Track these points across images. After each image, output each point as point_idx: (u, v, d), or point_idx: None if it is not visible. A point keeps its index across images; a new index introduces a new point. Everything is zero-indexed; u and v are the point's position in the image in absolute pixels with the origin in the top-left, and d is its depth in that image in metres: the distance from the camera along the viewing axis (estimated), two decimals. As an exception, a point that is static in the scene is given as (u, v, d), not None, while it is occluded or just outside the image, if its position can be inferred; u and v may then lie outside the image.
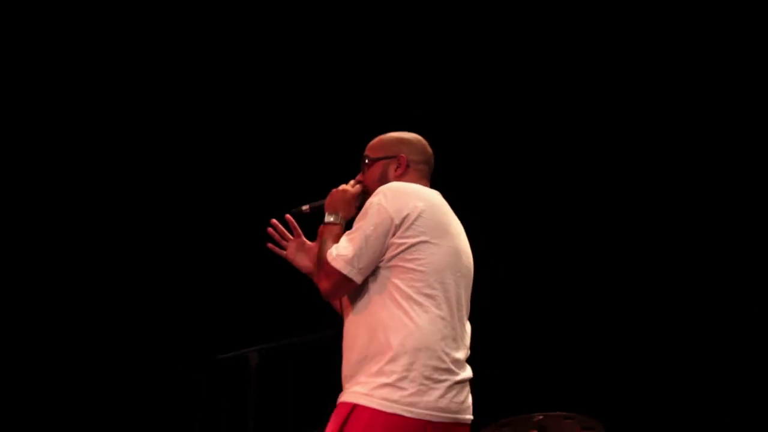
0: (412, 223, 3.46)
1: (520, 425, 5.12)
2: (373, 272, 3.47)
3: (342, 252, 3.45)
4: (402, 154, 3.69)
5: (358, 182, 3.72)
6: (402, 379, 3.36)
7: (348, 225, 3.64)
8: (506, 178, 7.05)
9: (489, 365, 6.52)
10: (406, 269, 3.44)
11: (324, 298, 3.58)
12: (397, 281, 3.44)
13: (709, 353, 6.43)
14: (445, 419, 3.41)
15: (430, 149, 3.77)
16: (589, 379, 6.53)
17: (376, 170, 3.70)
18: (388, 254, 3.46)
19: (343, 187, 3.70)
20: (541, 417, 5.10)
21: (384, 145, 3.73)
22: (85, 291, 7.26)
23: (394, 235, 3.46)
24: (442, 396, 3.40)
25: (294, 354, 5.30)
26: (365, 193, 3.66)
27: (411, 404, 3.35)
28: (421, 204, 3.50)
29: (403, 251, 3.45)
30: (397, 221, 3.46)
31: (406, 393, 3.35)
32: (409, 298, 3.42)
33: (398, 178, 3.66)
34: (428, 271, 3.46)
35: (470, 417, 3.51)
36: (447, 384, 3.42)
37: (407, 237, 3.46)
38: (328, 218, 3.62)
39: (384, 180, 3.66)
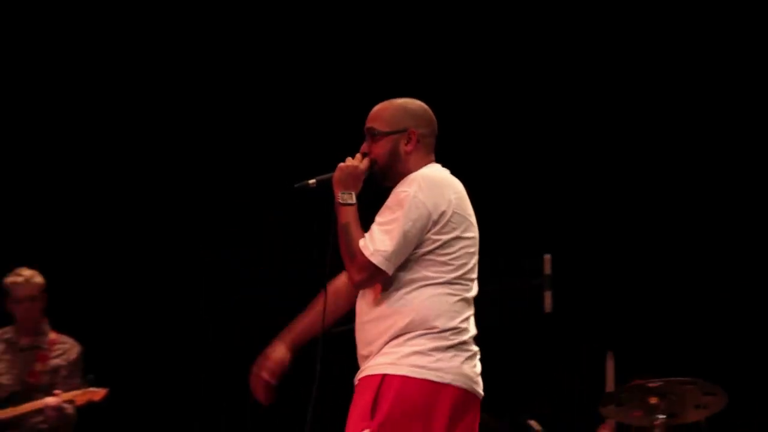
0: (448, 220, 3.45)
1: (640, 391, 5.09)
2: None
3: (380, 247, 3.40)
4: (412, 129, 3.59)
5: (364, 155, 3.61)
6: (429, 348, 3.40)
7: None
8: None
9: (609, 332, 6.46)
10: (437, 262, 3.45)
11: (353, 287, 3.55)
12: (426, 272, 3.45)
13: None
14: (467, 386, 3.45)
15: (434, 118, 3.69)
16: (711, 344, 6.41)
17: (385, 145, 3.58)
18: (422, 249, 3.45)
19: (351, 162, 3.58)
20: (660, 383, 5.06)
21: (392, 118, 3.60)
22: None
23: (429, 231, 3.44)
24: (464, 363, 3.44)
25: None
26: (372, 166, 3.60)
27: (438, 369, 3.39)
28: (454, 197, 3.49)
29: (437, 248, 3.45)
30: (434, 217, 3.44)
31: (433, 359, 3.38)
32: (438, 285, 3.45)
33: (408, 153, 3.57)
34: (458, 264, 3.47)
35: (482, 392, 3.53)
36: (468, 354, 3.47)
37: (442, 233, 3.45)
38: (344, 198, 3.52)
39: (394, 155, 3.57)
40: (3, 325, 5.98)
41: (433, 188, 3.46)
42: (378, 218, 3.49)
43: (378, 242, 3.40)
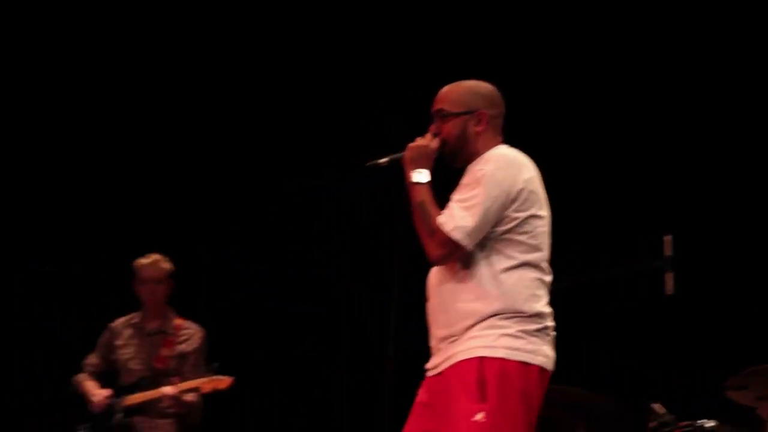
0: (525, 198, 3.51)
1: (765, 374, 5.03)
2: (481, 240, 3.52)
3: (460, 223, 3.45)
4: (482, 110, 3.64)
5: (435, 136, 3.65)
6: (519, 330, 3.46)
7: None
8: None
9: (733, 314, 6.37)
10: (515, 242, 3.50)
11: (433, 263, 3.57)
12: (506, 250, 3.50)
13: None
14: (551, 368, 3.53)
15: (502, 99, 3.73)
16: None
17: (455, 126, 3.63)
18: (500, 227, 3.50)
19: (422, 141, 3.63)
20: None
21: (461, 99, 3.65)
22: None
23: (507, 208, 3.49)
24: (547, 345, 3.51)
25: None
26: (442, 146, 3.64)
27: (531, 351, 3.45)
28: (529, 175, 3.55)
29: (515, 226, 3.50)
30: (512, 195, 3.49)
31: (524, 342, 3.45)
32: (517, 266, 3.50)
33: (478, 134, 3.62)
34: (535, 244, 3.53)
35: None
36: (549, 338, 3.53)
37: (520, 211, 3.50)
38: (417, 177, 3.57)
39: (464, 136, 3.62)
40: (132, 310, 6.06)
41: (510, 166, 3.53)
42: (456, 196, 3.55)
43: (458, 219, 3.46)
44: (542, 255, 3.55)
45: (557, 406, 4.72)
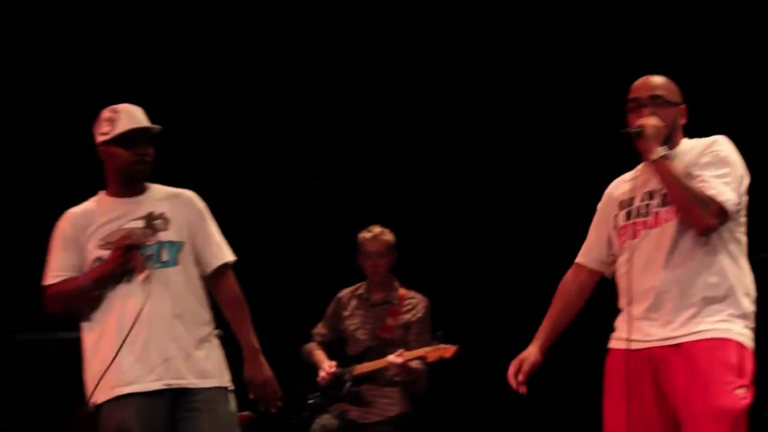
0: (747, 183, 3.74)
1: None
2: None
3: (728, 196, 3.64)
4: (684, 105, 3.86)
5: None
6: (752, 323, 3.72)
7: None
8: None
9: None
10: (740, 222, 3.74)
11: (702, 233, 3.68)
12: (734, 228, 3.73)
13: None
14: None
15: None
16: None
17: (670, 114, 3.80)
18: None
19: (656, 122, 3.75)
20: None
21: (675, 91, 3.85)
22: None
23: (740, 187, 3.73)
24: None
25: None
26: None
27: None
28: None
29: (742, 207, 3.73)
30: (744, 177, 3.73)
31: (751, 336, 3.73)
32: (743, 245, 3.75)
33: (680, 127, 3.83)
34: (746, 229, 3.78)
35: None
36: None
37: (745, 195, 3.73)
38: (666, 152, 3.71)
39: (674, 126, 3.80)
40: (357, 281, 6.13)
41: (737, 152, 3.75)
42: (707, 172, 3.69)
43: (726, 192, 3.65)
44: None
45: None
